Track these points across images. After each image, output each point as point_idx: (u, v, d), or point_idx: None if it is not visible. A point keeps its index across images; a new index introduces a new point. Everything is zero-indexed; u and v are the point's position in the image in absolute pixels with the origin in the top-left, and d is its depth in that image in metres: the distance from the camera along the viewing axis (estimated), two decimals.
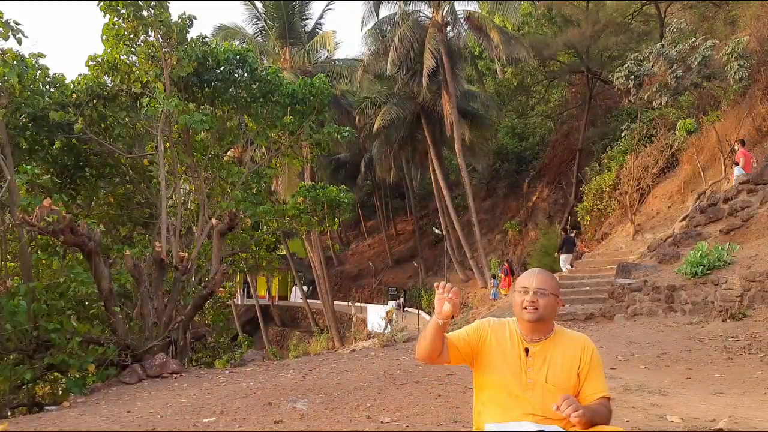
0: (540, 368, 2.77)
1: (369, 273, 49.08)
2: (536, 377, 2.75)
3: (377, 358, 10.36)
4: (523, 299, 2.78)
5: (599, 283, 16.83)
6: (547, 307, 2.79)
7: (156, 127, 12.16)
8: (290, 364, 9.96)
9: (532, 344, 2.81)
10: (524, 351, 2.81)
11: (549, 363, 2.77)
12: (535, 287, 2.78)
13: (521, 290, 2.82)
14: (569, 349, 2.81)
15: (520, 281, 2.85)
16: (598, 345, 9.82)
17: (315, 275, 38.22)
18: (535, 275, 2.84)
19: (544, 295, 2.78)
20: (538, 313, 2.76)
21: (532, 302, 2.76)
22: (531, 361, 2.78)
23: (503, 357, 2.82)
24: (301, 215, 14.50)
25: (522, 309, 2.78)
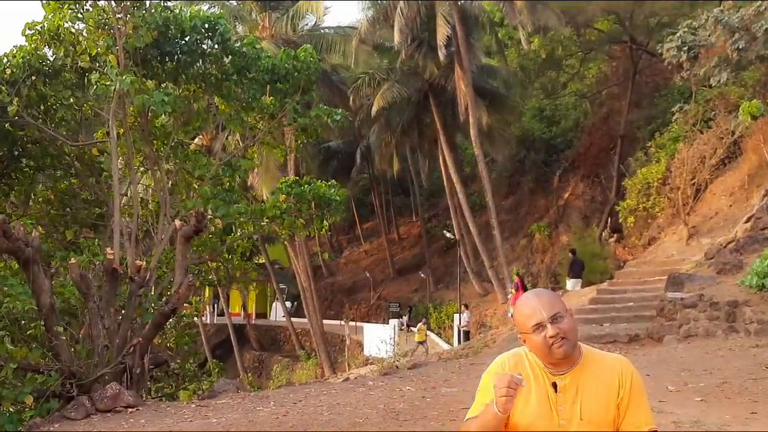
0: (573, 404, 2.74)
1: (366, 285, 49.08)
2: (569, 416, 2.73)
3: (376, 388, 10.36)
4: (542, 337, 2.74)
5: (645, 298, 16.82)
6: (572, 329, 2.74)
7: (107, 110, 12.16)
8: (270, 396, 9.96)
9: (560, 377, 2.79)
10: (552, 387, 2.79)
11: (582, 395, 2.75)
12: (549, 316, 2.72)
13: (535, 329, 2.73)
14: (604, 376, 2.78)
15: (526, 320, 2.76)
16: (643, 373, 9.83)
17: (300, 288, 38.24)
18: (537, 301, 2.76)
19: (562, 319, 2.73)
20: (568, 342, 2.72)
21: (556, 335, 2.71)
22: (561, 398, 2.75)
23: (526, 399, 2.80)
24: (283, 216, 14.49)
25: (549, 349, 2.75)
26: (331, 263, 57.92)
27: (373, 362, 24.71)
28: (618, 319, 16.06)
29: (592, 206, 36.71)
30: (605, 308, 17.05)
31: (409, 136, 40.58)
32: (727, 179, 22.02)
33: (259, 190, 33.38)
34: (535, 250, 39.05)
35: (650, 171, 24.81)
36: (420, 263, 48.14)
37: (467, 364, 13.44)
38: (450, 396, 9.28)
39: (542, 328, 2.71)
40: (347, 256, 59.52)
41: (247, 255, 20.69)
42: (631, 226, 25.99)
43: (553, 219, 38.75)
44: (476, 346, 18.92)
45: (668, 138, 25.39)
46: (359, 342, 36.81)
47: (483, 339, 20.33)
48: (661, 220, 24.09)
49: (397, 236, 56.14)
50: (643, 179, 25.01)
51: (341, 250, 62.04)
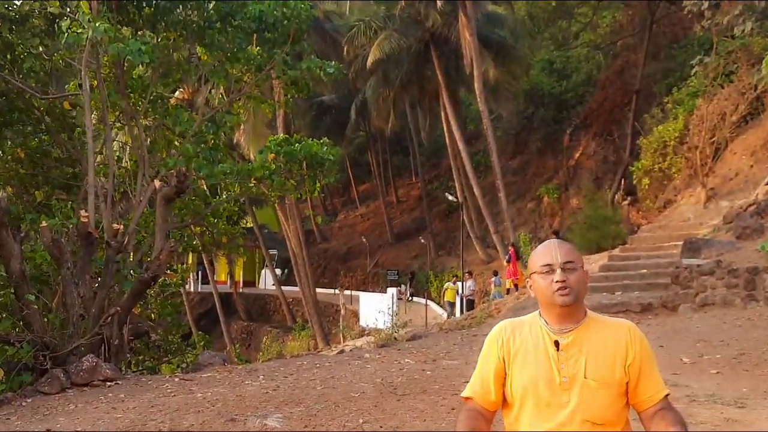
0: (576, 362, 2.82)
1: (362, 252, 49.19)
2: (572, 373, 2.80)
3: (373, 361, 10.41)
4: (549, 281, 2.81)
5: (660, 265, 16.88)
6: (580, 283, 2.85)
7: (79, 60, 12.02)
8: (259, 369, 10.01)
9: (562, 335, 2.85)
10: (554, 345, 2.84)
11: (587, 354, 2.83)
12: (561, 262, 2.83)
13: (543, 270, 2.85)
14: (611, 336, 2.87)
15: (539, 258, 2.88)
16: (657, 344, 9.91)
17: (291, 255, 38.32)
18: (556, 247, 2.89)
19: (573, 270, 2.83)
20: (573, 292, 2.80)
21: (562, 281, 2.78)
22: (564, 356, 2.83)
23: (524, 361, 2.87)
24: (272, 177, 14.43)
25: (552, 293, 2.81)
26: (325, 228, 58.00)
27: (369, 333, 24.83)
28: (630, 287, 16.11)
29: (605, 167, 36.65)
30: (617, 276, 17.11)
31: (409, 90, 40.34)
32: (749, 138, 21.96)
33: (245, 149, 33.27)
34: (543, 214, 39.08)
35: (667, 129, 24.72)
36: (420, 228, 48.20)
37: (470, 335, 13.52)
38: (451, 369, 9.34)
39: (551, 271, 2.83)
40: (342, 220, 59.58)
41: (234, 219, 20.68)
42: (646, 188, 25.97)
43: (563, 180, 38.71)
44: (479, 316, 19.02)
45: (687, 93, 25.26)
46: (355, 312, 36.98)
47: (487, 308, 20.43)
48: (677, 181, 24.07)
49: (396, 199, 56.13)
50: (659, 137, 24.93)
51: (335, 213, 62.08)
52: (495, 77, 34.88)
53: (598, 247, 23.05)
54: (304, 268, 35.62)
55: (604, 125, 37.56)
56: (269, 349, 33.33)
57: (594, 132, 38.32)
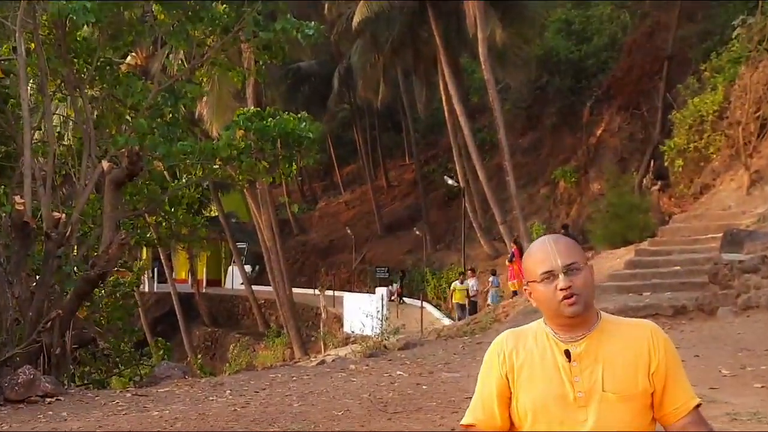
0: (592, 373, 2.79)
1: (346, 245, 49.14)
2: (588, 386, 2.78)
3: (359, 373, 10.41)
4: (551, 289, 2.78)
5: (695, 261, 16.91)
6: (587, 285, 2.81)
7: (14, 19, 11.93)
8: (226, 383, 10.00)
9: (573, 343, 2.83)
10: (564, 355, 2.82)
11: (603, 363, 2.80)
12: (563, 265, 2.79)
13: (544, 278, 2.81)
14: (630, 340, 2.85)
15: (535, 264, 2.84)
16: (692, 353, 9.95)
17: (263, 249, 38.23)
18: (553, 247, 2.85)
19: (578, 271, 2.79)
20: (581, 300, 2.77)
21: (567, 288, 2.76)
22: (577, 367, 2.80)
23: (532, 374, 2.86)
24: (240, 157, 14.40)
25: (557, 303, 2.78)
26: (303, 217, 57.92)
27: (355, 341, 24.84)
28: (661, 286, 16.13)
29: (631, 146, 36.68)
30: (645, 273, 17.13)
31: (401, 55, 40.26)
32: None
33: (209, 125, 33.13)
34: (559, 201, 39.12)
35: (704, 101, 24.73)
36: (414, 217, 48.17)
37: (473, 344, 13.52)
38: (451, 383, 9.34)
39: (553, 277, 2.79)
40: (323, 208, 59.50)
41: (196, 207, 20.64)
42: (679, 170, 25.98)
43: (582, 162, 38.73)
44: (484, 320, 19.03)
45: (727, 60, 25.25)
46: (338, 316, 36.96)
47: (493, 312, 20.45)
48: (716, 163, 24.10)
49: (386, 183, 56.07)
50: (694, 111, 24.93)
51: (315, 200, 62.00)
52: (502, 40, 34.82)
53: (623, 240, 23.08)
54: (279, 265, 35.55)
55: (631, 97, 37.56)
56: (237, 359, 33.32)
57: (618, 105, 38.31)
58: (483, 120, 46.66)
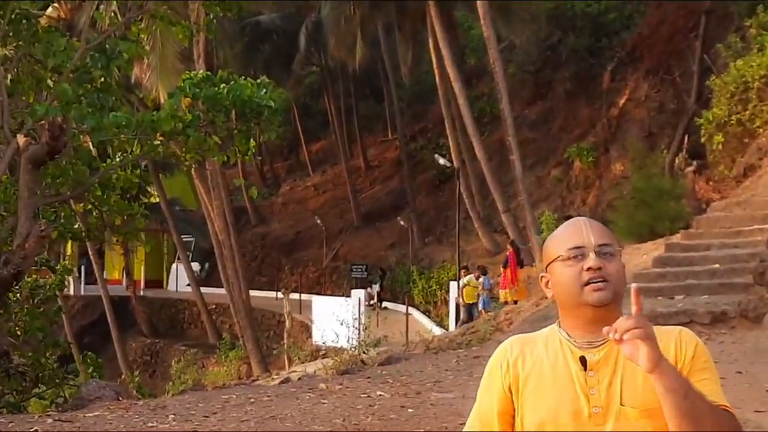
0: (610, 385, 2.80)
1: (316, 238, 49.11)
2: (606, 401, 2.79)
3: (331, 394, 10.42)
4: (578, 270, 2.79)
5: (738, 258, 16.98)
6: (620, 274, 2.82)
7: None
8: (169, 406, 9.99)
9: (590, 350, 2.85)
10: (579, 363, 2.83)
11: (624, 374, 2.81)
12: (596, 243, 2.80)
13: (571, 255, 2.80)
14: None
15: (562, 240, 2.86)
16: (733, 369, 10.01)
17: (215, 243, 38.13)
18: (587, 225, 2.87)
19: (611, 257, 2.81)
20: (611, 286, 2.78)
21: (599, 269, 2.77)
22: (593, 378, 2.81)
23: (541, 385, 2.86)
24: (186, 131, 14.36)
25: (581, 287, 2.80)
26: (263, 204, 57.76)
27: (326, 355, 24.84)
28: (696, 288, 16.21)
29: (661, 118, 36.81)
30: (677, 273, 17.20)
31: (382, 8, 40.19)
32: None
33: (150, 91, 33.00)
34: (573, 186, 39.21)
35: (749, 64, 24.85)
36: (398, 205, 48.20)
37: (469, 358, 13.57)
38: (443, 405, 9.38)
39: (581, 256, 2.79)
40: (287, 192, 59.41)
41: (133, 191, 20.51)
42: (719, 148, 26.10)
43: (602, 138, 38.85)
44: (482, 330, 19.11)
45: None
46: (305, 324, 37.01)
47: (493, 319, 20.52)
48: (763, 139, 24.23)
49: (364, 163, 56.02)
50: (737, 77, 25.04)
51: (277, 183, 61.88)
52: None
53: (651, 233, 23.19)
54: (233, 262, 35.48)
55: (660, 59, 37.68)
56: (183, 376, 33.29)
57: (646, 69, 38.44)
58: (482, 86, 46.75)
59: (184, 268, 47.69)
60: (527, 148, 40.01)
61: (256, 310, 37.84)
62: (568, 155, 39.48)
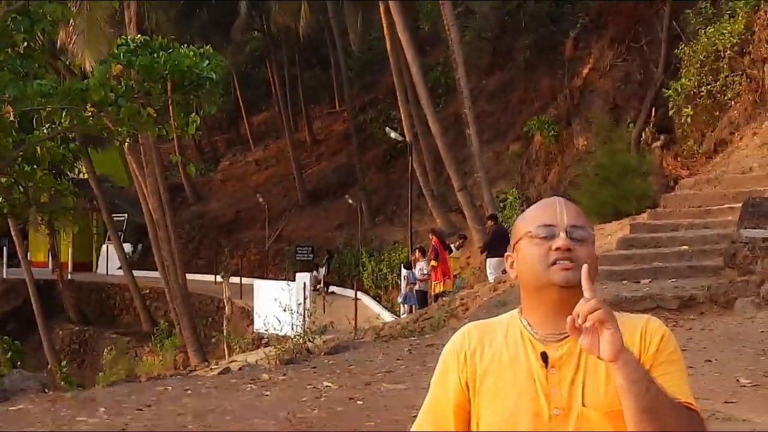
0: (572, 384, 2.77)
1: (257, 218, 49.00)
2: (567, 402, 2.76)
3: (274, 385, 10.42)
4: (545, 249, 2.77)
5: (708, 239, 17.12)
6: (591, 261, 2.76)
7: None
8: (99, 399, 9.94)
9: (553, 344, 2.82)
10: (540, 359, 2.81)
11: (585, 370, 2.79)
12: (569, 224, 2.79)
13: (539, 233, 2.79)
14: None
15: (533, 217, 2.85)
16: (701, 357, 10.09)
17: (148, 223, 37.92)
18: (562, 204, 2.86)
19: (583, 242, 2.79)
20: (578, 269, 2.71)
21: (568, 250, 2.75)
22: (555, 376, 2.79)
23: (499, 382, 2.83)
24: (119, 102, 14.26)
25: (547, 266, 2.78)
26: (200, 181, 57.49)
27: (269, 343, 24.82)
28: (664, 272, 16.32)
29: (627, 90, 36.97)
30: (643, 255, 17.32)
31: None
32: None
33: (77, 58, 32.68)
34: (533, 162, 39.31)
35: (720, 32, 24.99)
36: (346, 182, 48.17)
37: (422, 346, 13.59)
38: (394, 397, 9.39)
39: (551, 235, 2.78)
40: (226, 168, 59.18)
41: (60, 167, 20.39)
42: (688, 122, 26.27)
43: (564, 110, 38.95)
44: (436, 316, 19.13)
45: None
46: (247, 310, 36.92)
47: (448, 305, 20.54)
48: (735, 112, 24.40)
49: (310, 137, 55.91)
50: (708, 45, 25.19)
51: (216, 159, 61.60)
52: None
53: (615, 212, 23.30)
54: (168, 244, 35.29)
55: (626, 26, 37.83)
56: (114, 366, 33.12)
57: (611, 36, 38.57)
58: (436, 55, 46.74)
59: (115, 250, 47.37)
60: (484, 122, 40.06)
61: (193, 296, 37.67)
62: (527, 129, 39.49)
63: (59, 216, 23.39)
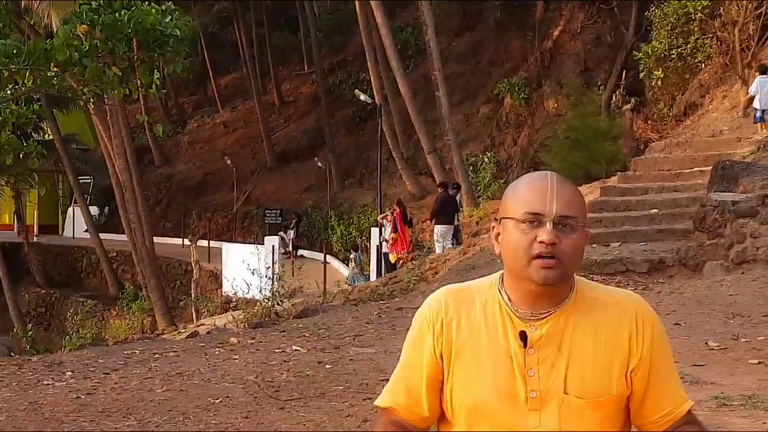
0: (552, 367, 2.70)
1: (225, 181, 48.84)
2: (545, 385, 2.70)
3: (243, 349, 10.39)
4: (530, 238, 2.66)
5: (678, 202, 17.19)
6: (575, 252, 2.69)
7: None
8: (66, 362, 9.90)
9: (533, 323, 2.75)
10: (519, 338, 2.75)
11: (569, 353, 2.72)
12: (558, 214, 2.65)
13: (527, 219, 2.67)
14: (606, 323, 2.74)
15: (522, 200, 2.71)
16: (671, 320, 10.12)
17: (115, 185, 37.74)
18: (555, 187, 2.70)
19: (571, 231, 2.67)
20: (560, 266, 2.65)
21: (551, 243, 2.64)
22: (534, 357, 2.71)
23: (476, 357, 2.76)
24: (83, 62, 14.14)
25: (528, 260, 2.70)
26: (167, 143, 57.19)
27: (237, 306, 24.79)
28: (633, 235, 16.39)
29: (598, 52, 36.97)
30: (613, 218, 17.38)
31: None
32: None
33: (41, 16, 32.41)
34: (504, 124, 39.30)
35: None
36: (315, 144, 48.03)
37: (391, 310, 13.58)
38: (363, 360, 9.39)
39: (538, 224, 2.67)
40: (194, 130, 58.86)
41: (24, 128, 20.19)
42: (659, 84, 26.31)
43: (535, 73, 38.92)
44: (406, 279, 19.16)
45: None
46: (215, 273, 36.85)
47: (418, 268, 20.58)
48: (705, 75, 24.45)
49: (278, 99, 55.66)
50: (679, 8, 25.18)
51: (184, 120, 61.25)
52: None
53: (585, 175, 23.31)
54: (135, 206, 35.13)
55: None
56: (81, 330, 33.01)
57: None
58: (406, 16, 46.55)
59: (81, 213, 47.15)
60: (454, 84, 40.00)
61: (160, 259, 37.53)
62: (498, 91, 39.47)
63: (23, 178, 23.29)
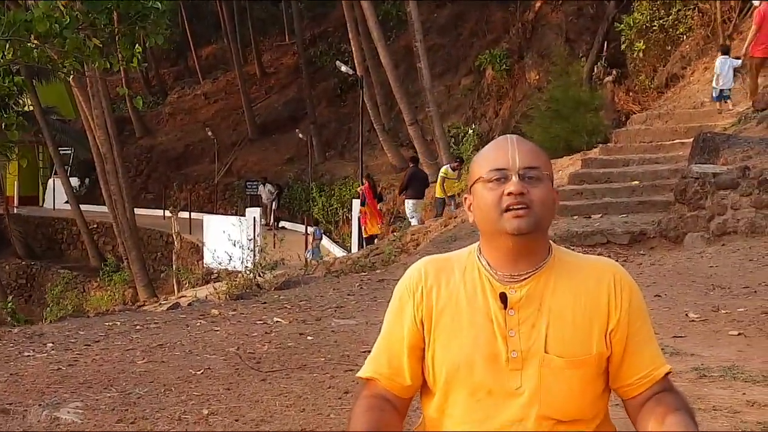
0: (533, 326, 2.75)
1: (206, 152, 48.77)
2: (526, 345, 2.73)
3: (224, 320, 10.40)
4: (499, 193, 2.73)
5: (658, 174, 17.25)
6: (546, 201, 2.78)
7: None
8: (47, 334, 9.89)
9: (513, 285, 2.79)
10: (499, 300, 2.78)
11: (549, 313, 2.76)
12: (521, 166, 2.74)
13: (493, 177, 2.74)
14: (586, 287, 2.79)
15: (486, 160, 2.80)
16: (651, 291, 10.17)
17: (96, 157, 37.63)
18: (515, 144, 2.80)
19: (538, 181, 2.76)
20: (533, 213, 2.72)
21: (521, 194, 2.71)
22: (514, 318, 2.75)
23: (456, 322, 2.80)
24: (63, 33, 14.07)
25: (500, 213, 2.74)
26: (148, 114, 57.00)
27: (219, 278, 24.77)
28: (614, 207, 16.44)
29: (579, 23, 36.89)
30: (595, 190, 17.42)
31: None
32: None
33: None
34: (485, 96, 39.28)
35: None
36: (297, 116, 47.97)
37: (373, 281, 13.61)
38: (344, 332, 9.40)
39: (504, 179, 2.73)
40: (174, 102, 58.70)
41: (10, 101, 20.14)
42: (640, 56, 26.32)
43: (516, 44, 38.85)
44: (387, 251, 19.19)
45: None
46: (196, 245, 36.83)
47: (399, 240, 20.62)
48: (687, 46, 24.47)
49: (259, 70, 55.54)
50: None
51: (164, 92, 61.07)
52: None
53: (566, 147, 23.34)
54: (116, 178, 35.04)
55: None
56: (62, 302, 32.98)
57: None
58: None
59: (61, 184, 47.04)
60: (436, 55, 39.97)
61: (141, 230, 37.53)
62: (479, 63, 39.39)
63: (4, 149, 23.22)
